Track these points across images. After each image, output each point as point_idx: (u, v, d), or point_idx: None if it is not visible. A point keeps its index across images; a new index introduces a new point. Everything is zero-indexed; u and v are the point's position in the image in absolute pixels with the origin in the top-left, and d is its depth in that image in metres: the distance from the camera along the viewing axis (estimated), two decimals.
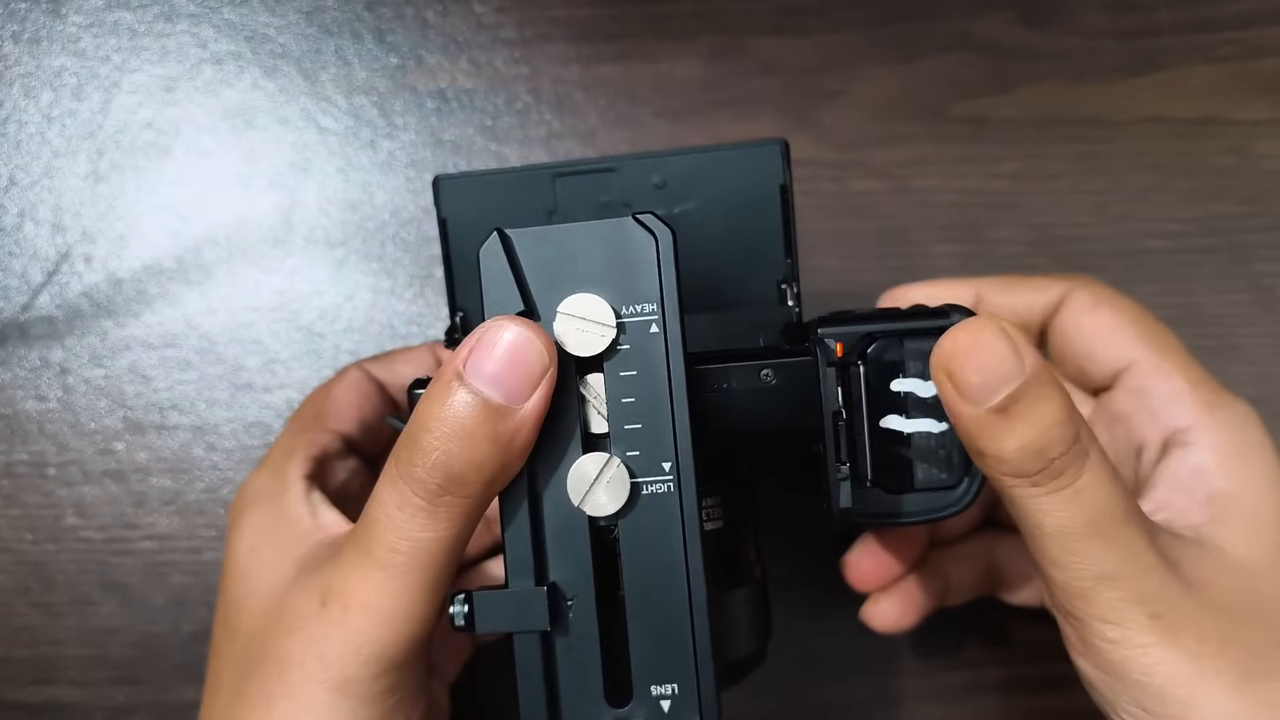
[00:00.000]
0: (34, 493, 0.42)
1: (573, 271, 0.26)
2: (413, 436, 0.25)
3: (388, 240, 0.43)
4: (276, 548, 0.30)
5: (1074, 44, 0.43)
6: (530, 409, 0.25)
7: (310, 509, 0.31)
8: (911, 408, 0.28)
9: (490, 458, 0.25)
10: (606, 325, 0.25)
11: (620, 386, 0.26)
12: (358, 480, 0.34)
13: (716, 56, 0.43)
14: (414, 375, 0.35)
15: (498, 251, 0.26)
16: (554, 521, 0.26)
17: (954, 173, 0.43)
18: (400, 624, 0.26)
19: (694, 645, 0.26)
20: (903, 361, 0.28)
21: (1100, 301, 0.33)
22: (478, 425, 0.24)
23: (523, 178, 0.32)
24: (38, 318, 0.43)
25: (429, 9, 0.44)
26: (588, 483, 0.26)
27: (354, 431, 0.34)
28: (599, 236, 0.26)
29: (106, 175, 0.43)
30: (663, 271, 0.26)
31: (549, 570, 0.26)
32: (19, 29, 0.44)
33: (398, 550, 0.25)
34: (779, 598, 0.33)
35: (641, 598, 0.26)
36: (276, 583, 0.29)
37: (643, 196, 0.32)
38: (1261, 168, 0.43)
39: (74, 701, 0.42)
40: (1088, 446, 0.25)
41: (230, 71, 0.43)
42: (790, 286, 0.31)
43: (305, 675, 0.27)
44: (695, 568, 0.26)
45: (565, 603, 0.26)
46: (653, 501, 0.26)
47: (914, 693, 0.42)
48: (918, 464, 0.28)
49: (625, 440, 0.26)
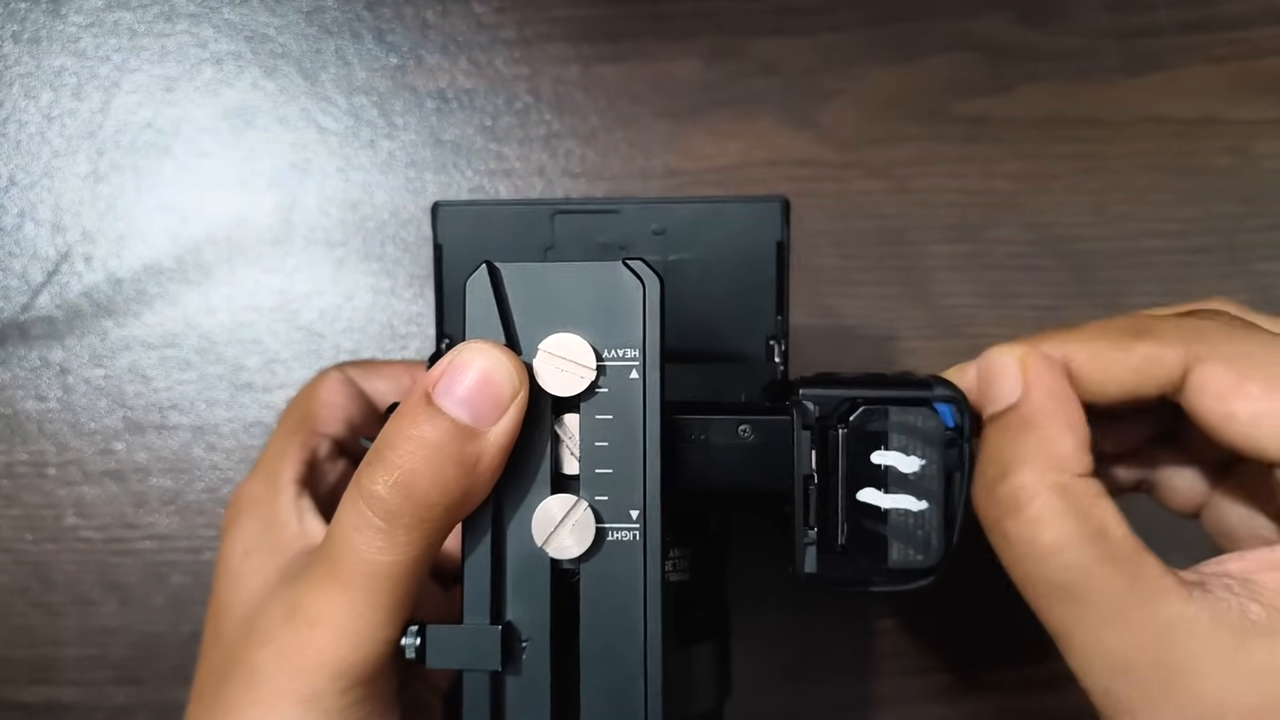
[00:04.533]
0: (34, 493, 0.42)
1: (558, 310, 0.26)
2: (378, 453, 0.25)
3: (388, 240, 0.43)
4: (265, 554, 0.30)
5: (1074, 44, 0.43)
6: (498, 433, 0.25)
7: (297, 515, 0.31)
8: (891, 482, 0.27)
9: (455, 480, 0.25)
10: (587, 367, 0.25)
11: (595, 429, 0.26)
12: (346, 483, 0.34)
13: (716, 56, 0.43)
14: (389, 392, 0.35)
15: (485, 283, 0.26)
16: (515, 559, 0.26)
17: (954, 173, 0.43)
18: (364, 643, 0.26)
19: (645, 700, 0.25)
20: (886, 433, 0.27)
21: (1243, 378, 0.26)
22: (443, 445, 0.24)
23: (522, 211, 0.32)
24: (38, 318, 0.43)
25: (429, 9, 0.44)
26: (553, 524, 0.25)
27: (343, 434, 0.34)
28: (588, 278, 0.26)
29: (106, 175, 0.43)
30: (647, 318, 0.25)
31: (506, 608, 0.26)
32: (19, 29, 0.44)
33: (358, 572, 0.25)
34: (779, 597, 0.33)
35: (597, 645, 0.25)
36: (260, 589, 0.29)
37: (641, 241, 0.32)
38: (1261, 168, 0.43)
39: (74, 701, 0.42)
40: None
41: (230, 71, 0.43)
42: (778, 344, 0.31)
43: (274, 687, 0.27)
44: (654, 619, 0.25)
45: (520, 643, 0.26)
46: (617, 549, 0.26)
47: (914, 693, 0.42)
48: (893, 542, 0.27)
49: (595, 484, 0.26)
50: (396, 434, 0.25)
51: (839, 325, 0.43)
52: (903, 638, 0.42)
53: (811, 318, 0.35)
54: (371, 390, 0.35)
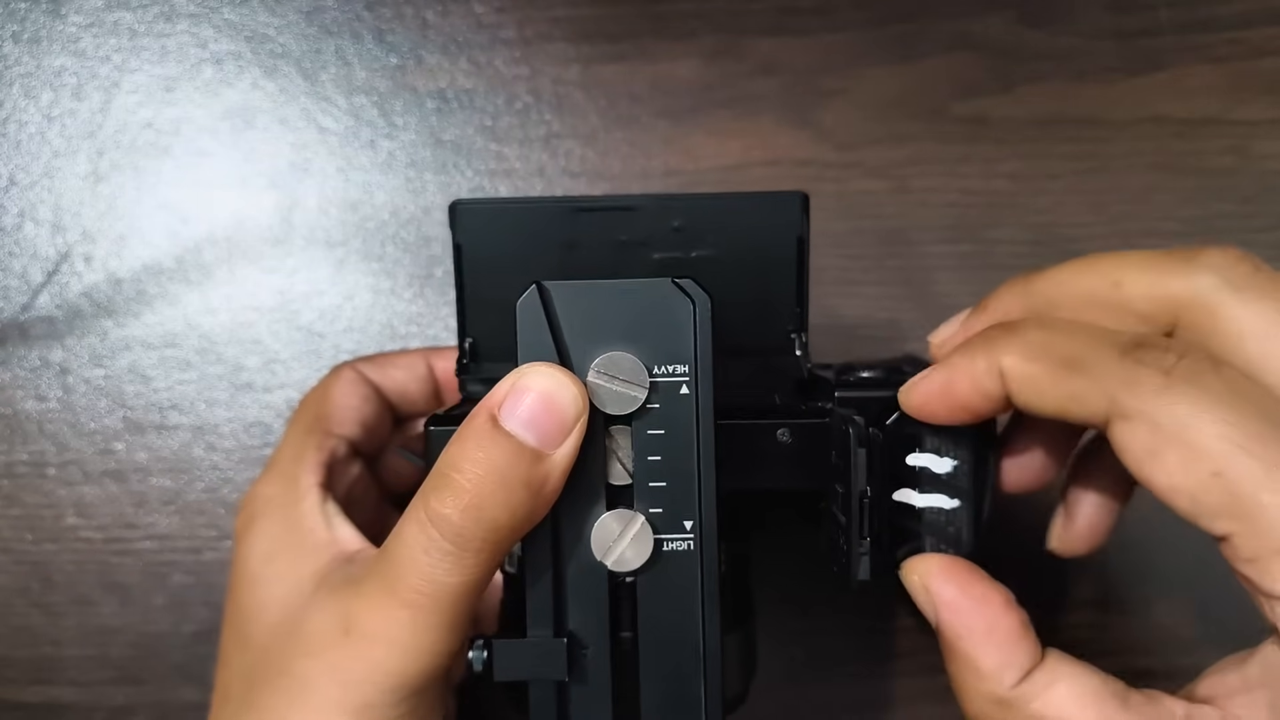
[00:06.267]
0: (34, 493, 0.42)
1: (608, 328, 0.26)
2: (444, 477, 0.25)
3: (388, 240, 0.43)
4: (291, 559, 0.30)
5: (1074, 44, 0.43)
6: (562, 455, 0.25)
7: (325, 521, 0.31)
8: (925, 481, 0.28)
9: (522, 502, 0.25)
10: (640, 385, 0.26)
11: (647, 444, 0.26)
12: (361, 485, 0.34)
13: (716, 56, 0.43)
14: (406, 380, 0.35)
15: (535, 304, 0.26)
16: (574, 572, 0.26)
17: (954, 173, 0.43)
18: (423, 657, 0.26)
19: (705, 701, 0.26)
20: (920, 436, 0.28)
21: (1163, 447, 0.24)
22: (512, 469, 0.24)
23: (541, 210, 0.32)
24: (38, 318, 0.43)
25: (429, 9, 0.44)
26: (612, 538, 0.26)
27: (357, 435, 0.34)
28: (636, 295, 0.26)
29: (106, 175, 0.43)
30: (699, 337, 0.26)
31: (567, 620, 0.26)
32: (19, 29, 0.44)
33: (422, 592, 0.25)
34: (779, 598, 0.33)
35: (655, 651, 0.26)
36: (292, 596, 0.29)
37: (661, 238, 0.32)
38: (1261, 168, 0.43)
39: (74, 701, 0.42)
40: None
41: (230, 71, 0.43)
42: (799, 336, 0.32)
43: (324, 697, 0.27)
44: (711, 624, 0.26)
45: (581, 652, 0.26)
46: (673, 558, 0.26)
47: (914, 693, 0.42)
48: (927, 538, 0.28)
49: (648, 497, 0.26)
50: (462, 456, 0.25)
51: (839, 325, 0.43)
52: (909, 638, 0.42)
53: (812, 317, 0.35)
54: (388, 382, 0.35)
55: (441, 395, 0.36)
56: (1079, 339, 0.25)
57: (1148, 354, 0.24)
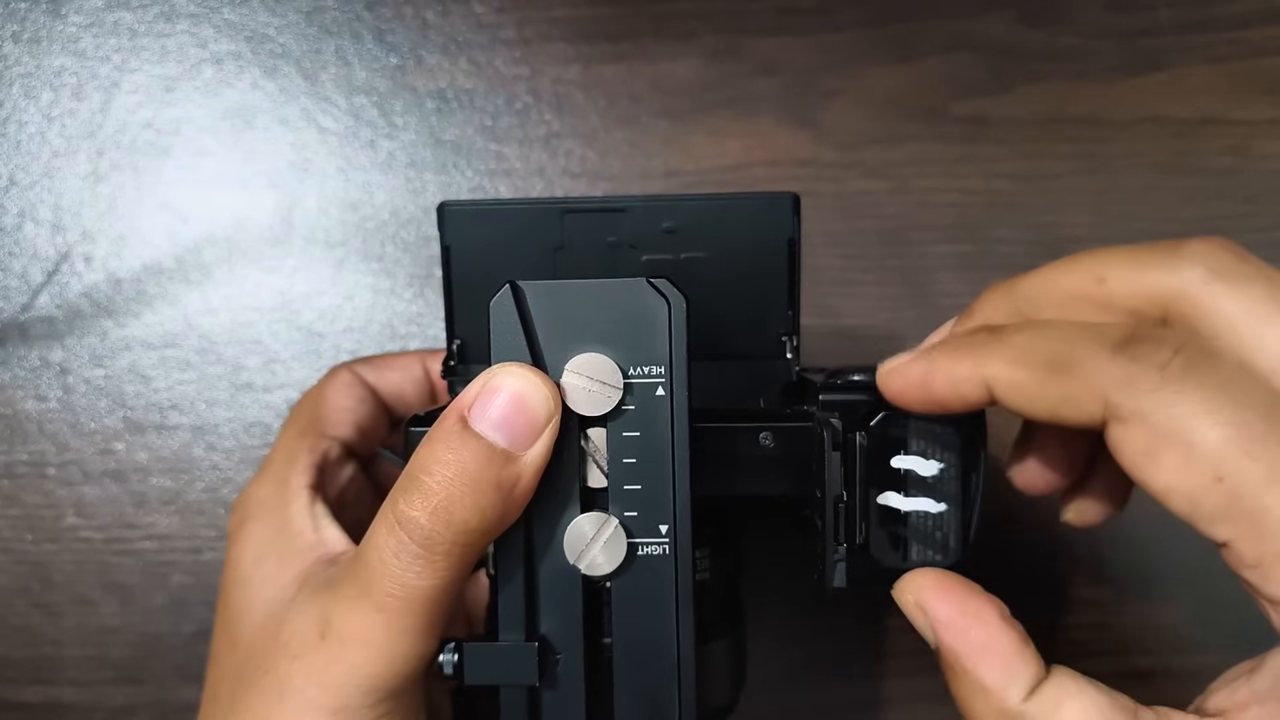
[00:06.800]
0: (34, 493, 0.42)
1: (582, 328, 0.26)
2: (414, 479, 0.25)
3: (388, 240, 0.43)
4: (279, 561, 0.30)
5: (1074, 44, 0.43)
6: (533, 457, 0.25)
7: (313, 522, 0.31)
8: (910, 485, 0.27)
9: (493, 505, 0.25)
10: (614, 387, 0.25)
11: (622, 446, 0.26)
12: (355, 486, 0.34)
13: (716, 56, 0.43)
14: (402, 382, 0.35)
15: (509, 304, 0.26)
16: (547, 575, 0.26)
17: (954, 173, 0.43)
18: (399, 660, 0.26)
19: (679, 708, 0.26)
20: (905, 438, 0.27)
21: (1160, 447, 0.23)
22: (482, 471, 0.24)
23: (531, 211, 0.32)
24: (38, 318, 0.43)
25: (429, 9, 0.44)
26: (584, 542, 0.26)
27: (352, 437, 0.34)
28: (611, 295, 0.26)
29: (106, 175, 0.43)
30: (673, 338, 0.26)
31: (540, 623, 0.26)
32: (19, 29, 0.44)
33: (394, 595, 0.25)
34: (779, 599, 0.33)
35: (630, 656, 0.26)
36: (278, 597, 0.29)
37: (652, 240, 0.31)
38: (1261, 168, 0.43)
39: (74, 701, 0.42)
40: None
41: (230, 71, 0.43)
42: (790, 339, 0.31)
43: (304, 699, 0.27)
44: (686, 630, 0.26)
45: (554, 657, 0.26)
46: (648, 562, 0.26)
47: (914, 693, 0.42)
48: (913, 544, 0.28)
49: (623, 500, 0.26)
50: (432, 458, 0.25)
51: (839, 325, 0.43)
52: (908, 638, 0.42)
53: (812, 318, 0.35)
54: (384, 384, 0.35)
55: (438, 397, 0.36)
56: (1066, 339, 0.24)
57: (1141, 349, 0.23)
